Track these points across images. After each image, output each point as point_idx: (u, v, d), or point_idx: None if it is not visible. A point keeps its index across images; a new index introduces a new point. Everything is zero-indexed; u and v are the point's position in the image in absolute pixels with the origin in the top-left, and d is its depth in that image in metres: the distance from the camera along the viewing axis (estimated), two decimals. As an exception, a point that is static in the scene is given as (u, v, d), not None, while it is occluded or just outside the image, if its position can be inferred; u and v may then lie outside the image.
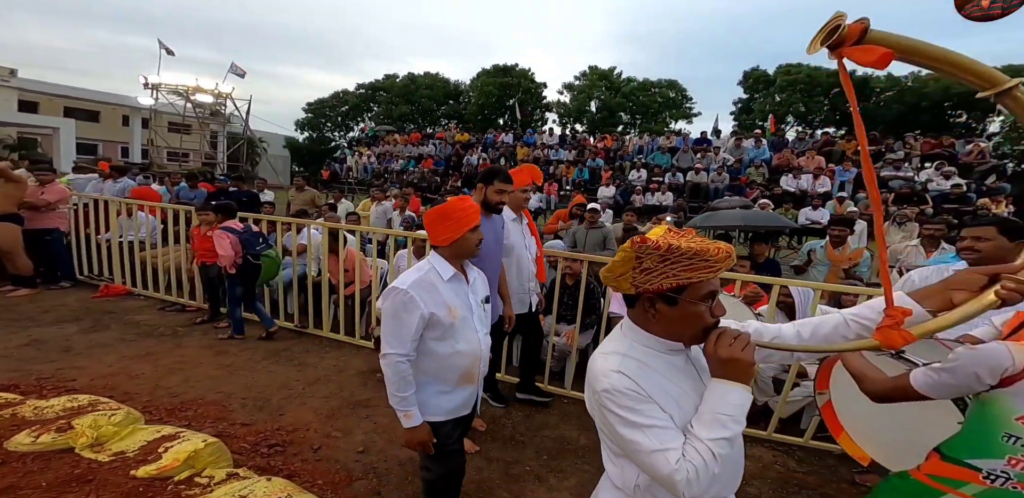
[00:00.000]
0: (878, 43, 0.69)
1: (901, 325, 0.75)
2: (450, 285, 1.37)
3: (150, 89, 13.89)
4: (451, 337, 1.35)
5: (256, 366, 3.03)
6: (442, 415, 1.41)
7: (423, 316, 1.29)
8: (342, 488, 1.90)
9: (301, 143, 29.94)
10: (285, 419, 2.40)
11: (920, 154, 7.53)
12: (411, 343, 1.32)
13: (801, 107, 21.63)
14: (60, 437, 1.80)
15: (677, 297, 0.76)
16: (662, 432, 0.75)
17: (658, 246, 0.73)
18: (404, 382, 1.32)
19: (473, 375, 1.43)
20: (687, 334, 0.81)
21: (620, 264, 0.78)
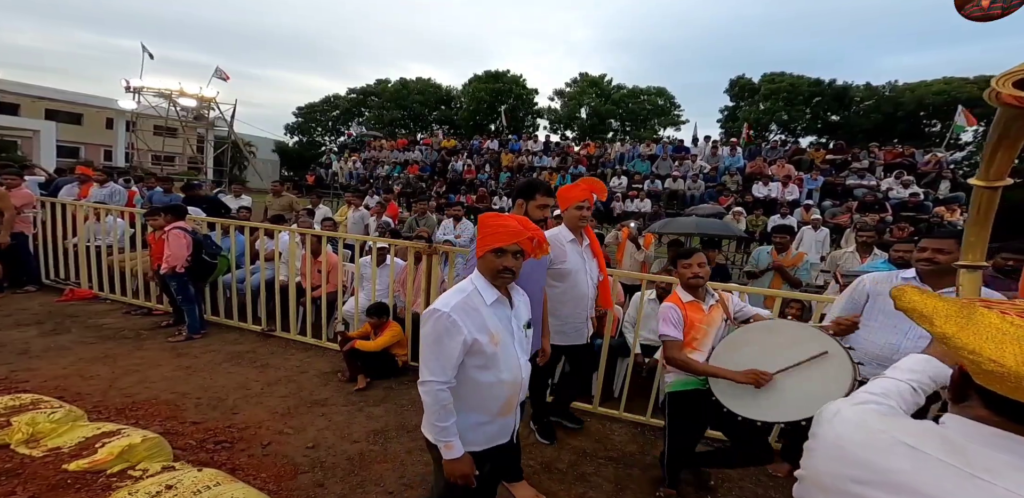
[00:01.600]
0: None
1: None
2: (493, 309, 1.27)
3: (132, 93, 13.84)
4: (494, 366, 1.26)
5: (216, 368, 3.06)
6: (478, 445, 1.32)
7: (465, 342, 1.20)
8: (286, 481, 1.95)
9: (291, 147, 29.90)
10: (238, 418, 2.44)
11: (883, 163, 7.85)
12: (452, 370, 1.22)
13: (784, 116, 22.27)
14: (-3, 435, 1.82)
15: None
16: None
17: None
18: (445, 411, 1.22)
19: (513, 404, 1.35)
20: None
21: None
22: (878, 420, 0.59)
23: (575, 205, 2.06)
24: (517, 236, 1.23)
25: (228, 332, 3.72)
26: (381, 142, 13.96)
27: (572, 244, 2.10)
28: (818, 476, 0.60)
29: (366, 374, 2.99)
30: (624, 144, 11.26)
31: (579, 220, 2.09)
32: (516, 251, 1.25)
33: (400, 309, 3.44)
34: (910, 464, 0.52)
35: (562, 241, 2.07)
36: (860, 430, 0.58)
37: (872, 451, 0.55)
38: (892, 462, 0.53)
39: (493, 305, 1.27)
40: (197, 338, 3.49)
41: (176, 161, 17.64)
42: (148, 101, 14.24)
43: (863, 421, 0.59)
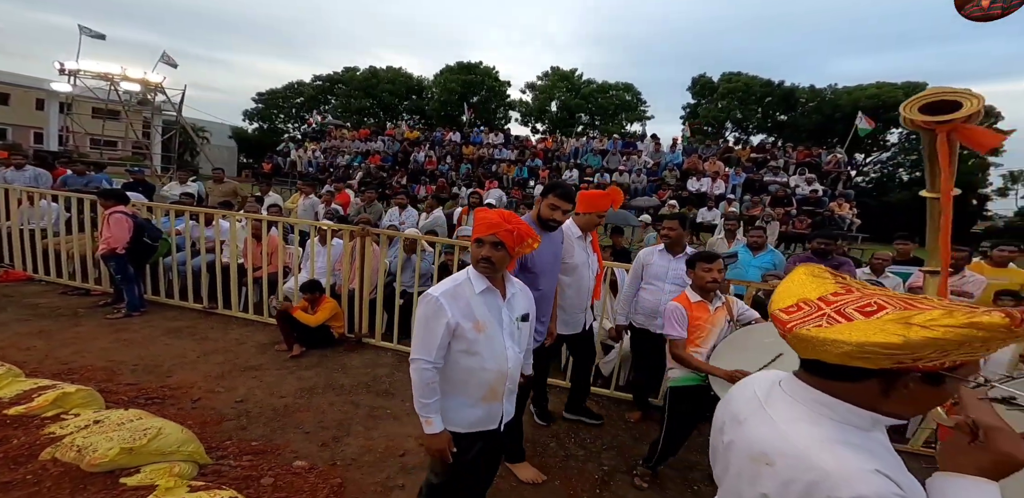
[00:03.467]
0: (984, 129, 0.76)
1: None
2: (481, 298, 1.34)
3: (67, 75, 12.91)
4: (477, 352, 1.33)
5: (154, 340, 3.26)
6: (463, 427, 1.38)
7: (449, 324, 1.28)
8: (210, 426, 2.25)
9: (250, 134, 28.59)
10: (171, 380, 2.69)
11: (795, 162, 8.78)
12: (437, 350, 1.30)
13: (738, 114, 23.60)
14: (-63, 390, 2.02)
15: (949, 375, 0.57)
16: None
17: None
18: (428, 388, 1.31)
19: (498, 392, 1.39)
20: (913, 414, 0.65)
21: (945, 343, 0.52)
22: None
23: (597, 213, 2.18)
24: (493, 228, 1.29)
25: (169, 310, 3.88)
26: (343, 131, 13.79)
27: (579, 240, 2.23)
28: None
29: (301, 343, 3.30)
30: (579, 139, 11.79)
31: (595, 225, 2.25)
32: (493, 242, 1.30)
33: (338, 286, 3.74)
34: (736, 391, 0.78)
35: (571, 236, 2.19)
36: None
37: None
38: (729, 393, 0.80)
39: (482, 294, 1.34)
40: (136, 316, 3.64)
41: (119, 145, 16.61)
42: (85, 84, 13.31)
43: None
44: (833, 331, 0.59)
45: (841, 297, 0.63)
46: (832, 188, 7.88)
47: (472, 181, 9.47)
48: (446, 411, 1.36)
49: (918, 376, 0.58)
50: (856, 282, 0.67)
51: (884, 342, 0.54)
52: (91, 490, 1.58)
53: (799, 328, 0.62)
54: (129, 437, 1.68)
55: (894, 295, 0.62)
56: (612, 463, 2.32)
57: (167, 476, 1.60)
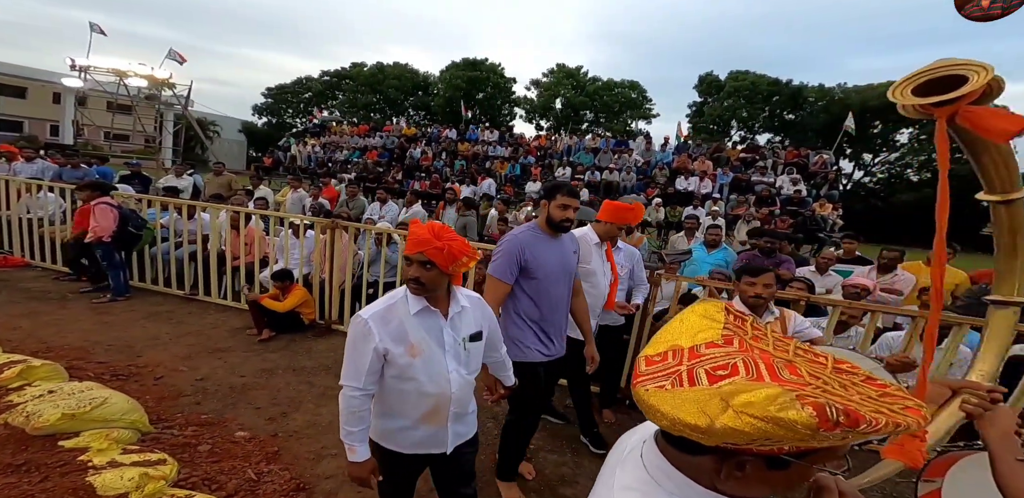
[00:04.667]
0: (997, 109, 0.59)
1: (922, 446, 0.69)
2: (417, 319, 1.23)
3: (78, 71, 13.38)
4: (412, 377, 1.23)
5: (133, 323, 3.46)
6: (405, 448, 1.31)
7: (377, 349, 1.19)
8: (166, 401, 2.42)
9: (259, 128, 29.12)
10: (140, 359, 2.88)
11: (784, 162, 8.73)
12: (367, 376, 1.21)
13: (744, 113, 23.29)
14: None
15: (794, 461, 0.50)
16: None
17: (874, 428, 0.43)
18: (354, 417, 1.22)
19: (440, 416, 1.29)
20: (764, 493, 0.58)
21: (743, 435, 0.45)
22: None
23: (617, 225, 2.17)
24: (422, 245, 1.15)
25: (153, 296, 4.10)
26: (342, 127, 14.04)
27: (596, 247, 2.19)
28: None
29: (272, 328, 3.47)
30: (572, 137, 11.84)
31: (612, 236, 2.23)
32: (422, 261, 1.16)
33: (311, 276, 3.91)
34: (624, 436, 0.70)
35: (589, 242, 2.16)
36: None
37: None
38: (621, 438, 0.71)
39: (418, 315, 1.22)
40: (121, 300, 3.87)
41: (131, 139, 17.12)
42: (96, 79, 13.77)
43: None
44: (661, 397, 0.50)
45: (711, 350, 0.53)
46: (818, 189, 7.84)
47: (465, 177, 9.59)
48: (387, 431, 1.29)
49: (759, 459, 0.50)
50: (761, 328, 0.57)
51: (690, 422, 0.46)
52: (31, 450, 1.75)
53: (640, 385, 0.52)
54: (75, 405, 1.86)
55: (786, 350, 0.52)
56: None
57: (103, 440, 1.77)
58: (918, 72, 0.64)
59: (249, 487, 1.84)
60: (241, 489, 1.82)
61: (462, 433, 1.38)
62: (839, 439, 0.45)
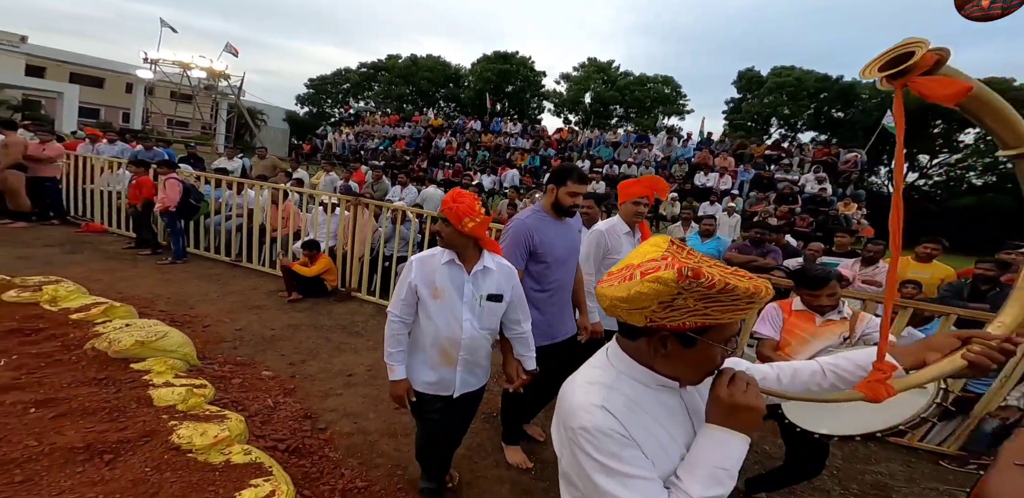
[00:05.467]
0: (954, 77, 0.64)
1: (889, 380, 0.73)
2: (445, 268, 1.46)
3: (149, 64, 14.80)
4: (432, 315, 1.46)
5: (188, 282, 4.06)
6: (419, 386, 1.52)
7: (411, 285, 1.45)
8: (211, 345, 2.90)
9: (301, 117, 30.69)
10: (193, 311, 3.43)
11: (811, 160, 8.36)
12: (403, 307, 1.47)
13: (785, 110, 22.02)
14: (31, 295, 2.84)
15: (698, 338, 0.64)
16: (645, 484, 0.64)
17: (712, 284, 0.59)
18: (392, 339, 1.49)
19: (450, 358, 1.49)
20: (692, 376, 0.71)
21: (648, 297, 0.62)
22: None
23: (632, 200, 2.05)
24: (442, 206, 1.46)
25: (205, 261, 4.73)
26: (375, 117, 14.71)
27: (627, 236, 2.10)
28: None
29: (299, 292, 3.97)
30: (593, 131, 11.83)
31: (635, 215, 2.08)
32: (441, 218, 1.45)
33: (336, 248, 4.39)
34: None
35: (618, 232, 2.10)
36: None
37: None
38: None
39: (446, 265, 1.46)
40: (179, 263, 4.51)
41: (189, 126, 18.74)
42: (163, 71, 15.19)
43: None
44: (608, 289, 0.66)
45: (650, 263, 0.65)
46: (844, 188, 7.50)
47: (487, 167, 9.91)
48: (410, 367, 1.53)
49: (672, 335, 0.65)
50: (694, 253, 0.68)
51: (619, 296, 0.63)
52: (110, 369, 2.24)
53: (598, 286, 0.69)
54: (144, 335, 2.34)
55: (699, 261, 0.64)
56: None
57: (162, 365, 2.23)
58: (886, 51, 0.68)
59: (267, 411, 2.26)
60: (261, 411, 2.24)
61: (471, 383, 1.58)
62: (697, 296, 0.59)
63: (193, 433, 1.72)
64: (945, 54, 0.63)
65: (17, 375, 2.05)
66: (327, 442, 2.10)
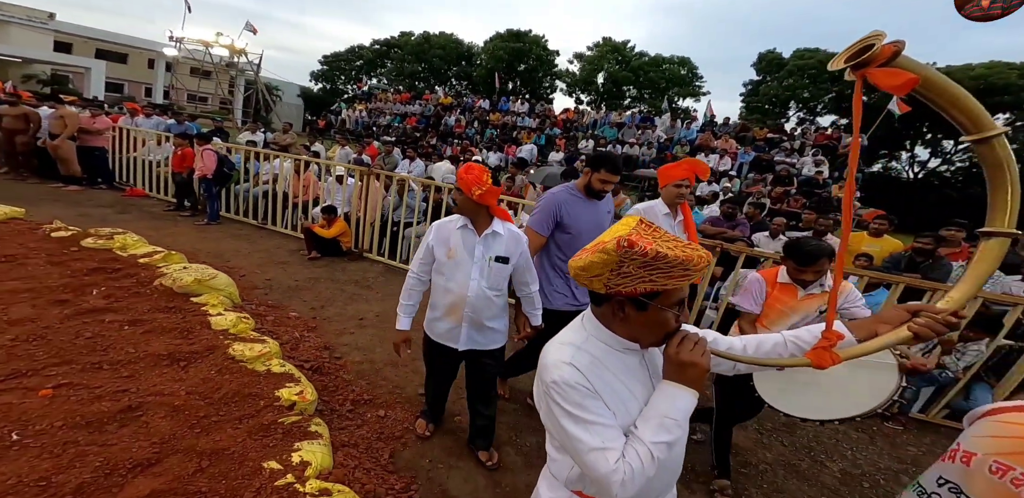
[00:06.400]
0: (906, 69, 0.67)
1: (834, 347, 0.80)
2: (460, 232, 1.64)
3: (174, 42, 15.17)
4: (444, 273, 1.67)
5: (223, 240, 4.64)
6: (433, 335, 1.77)
7: (428, 246, 1.66)
8: (246, 291, 3.41)
9: (315, 93, 30.82)
10: (229, 263, 3.98)
11: (812, 144, 8.39)
12: (420, 265, 1.68)
13: (804, 93, 21.18)
14: (106, 243, 3.43)
15: (648, 302, 0.74)
16: (605, 430, 0.74)
17: (645, 252, 0.69)
18: (406, 292, 1.72)
19: (458, 312, 1.67)
20: (649, 337, 0.80)
21: (599, 265, 0.73)
22: None
23: (674, 183, 2.10)
24: (457, 176, 1.63)
25: (235, 224, 5.30)
26: (387, 94, 14.92)
27: (666, 217, 2.16)
28: None
29: (318, 251, 4.51)
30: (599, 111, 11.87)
31: (676, 197, 2.12)
32: (456, 187, 1.63)
33: (350, 213, 4.89)
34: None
35: (657, 214, 2.16)
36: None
37: None
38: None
39: (460, 229, 1.65)
40: (214, 224, 5.09)
41: (209, 101, 19.27)
42: (187, 48, 15.56)
43: None
44: (573, 260, 0.78)
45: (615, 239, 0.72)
46: (842, 171, 7.59)
47: (493, 145, 10.18)
48: (428, 320, 1.76)
49: (627, 301, 0.75)
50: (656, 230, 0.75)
51: (581, 265, 0.75)
52: (176, 301, 2.79)
53: (571, 259, 0.80)
54: (200, 275, 2.91)
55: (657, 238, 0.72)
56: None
57: (215, 299, 2.79)
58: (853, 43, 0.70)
59: (295, 342, 2.78)
60: (290, 341, 2.77)
61: (479, 341, 1.73)
62: (638, 263, 0.69)
63: (244, 348, 2.25)
64: (901, 46, 0.66)
65: (109, 302, 2.62)
66: (342, 367, 2.62)
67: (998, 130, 0.71)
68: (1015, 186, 0.74)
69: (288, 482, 1.45)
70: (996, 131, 0.71)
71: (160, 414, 1.70)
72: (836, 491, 2.14)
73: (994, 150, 0.72)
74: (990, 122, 0.71)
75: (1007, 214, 0.76)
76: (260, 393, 1.93)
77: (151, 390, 1.85)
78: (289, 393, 1.97)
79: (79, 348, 2.10)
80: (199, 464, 1.49)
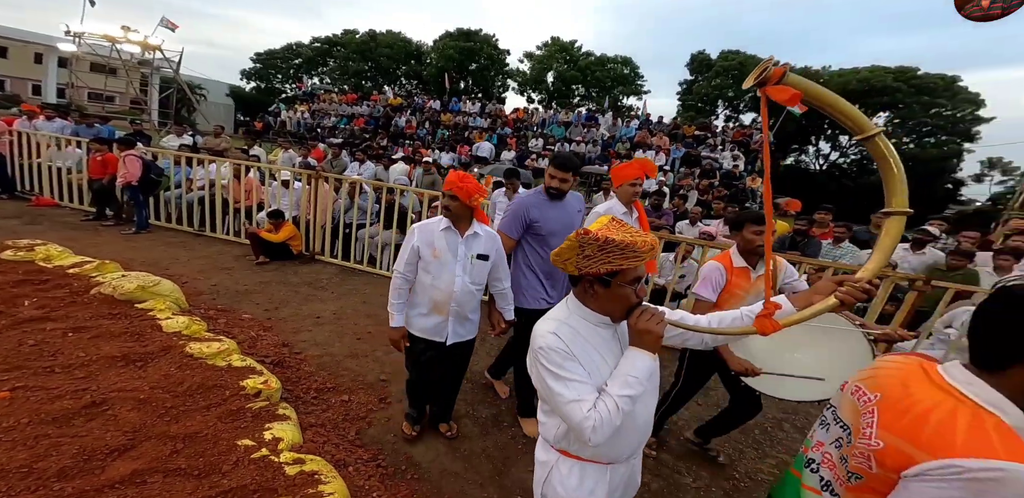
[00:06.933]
0: (792, 86, 0.83)
1: (772, 316, 0.94)
2: (443, 233, 1.76)
3: (72, 37, 13.42)
4: (430, 272, 1.77)
5: (156, 249, 4.38)
6: (416, 331, 1.85)
7: (413, 247, 1.75)
8: (192, 296, 3.31)
9: (247, 93, 28.70)
10: (168, 271, 3.80)
11: (731, 140, 9.56)
12: (406, 265, 1.77)
13: (730, 93, 23.44)
14: (27, 255, 3.17)
15: (610, 280, 0.91)
16: (580, 386, 0.91)
17: (597, 238, 0.87)
18: (395, 292, 1.80)
19: (445, 307, 1.80)
20: (616, 311, 0.96)
21: (567, 250, 0.91)
22: None
23: (629, 182, 2.24)
24: (450, 185, 1.72)
25: (168, 231, 5.00)
26: (332, 95, 14.38)
27: (624, 216, 2.30)
28: None
29: (266, 255, 4.42)
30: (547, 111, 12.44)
31: (632, 195, 2.27)
32: (451, 195, 1.73)
33: (299, 217, 4.81)
34: None
35: (616, 213, 2.30)
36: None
37: None
38: None
39: (444, 231, 1.77)
40: (143, 233, 4.76)
41: (117, 100, 17.23)
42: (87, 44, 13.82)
43: None
44: (553, 250, 0.95)
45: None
46: (754, 165, 8.74)
47: (446, 145, 10.27)
48: (411, 317, 1.84)
49: (595, 280, 0.93)
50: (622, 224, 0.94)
51: (555, 252, 0.94)
52: (120, 308, 2.69)
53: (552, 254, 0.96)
54: (143, 282, 2.82)
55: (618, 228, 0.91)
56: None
57: (162, 305, 2.73)
58: (757, 67, 0.83)
59: (252, 340, 2.81)
60: (248, 339, 2.80)
61: (461, 333, 1.89)
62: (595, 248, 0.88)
63: (201, 346, 2.28)
64: (787, 68, 0.81)
65: (45, 311, 2.49)
66: (303, 360, 2.71)
67: (876, 130, 0.84)
68: (901, 172, 0.89)
69: (263, 455, 1.58)
70: (875, 131, 0.84)
71: (126, 407, 1.74)
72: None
73: (877, 146, 0.85)
74: (868, 123, 0.84)
75: (900, 196, 0.90)
76: (225, 384, 2.00)
77: (112, 387, 1.87)
78: (254, 382, 2.06)
79: (25, 355, 2.04)
80: (174, 446, 1.58)
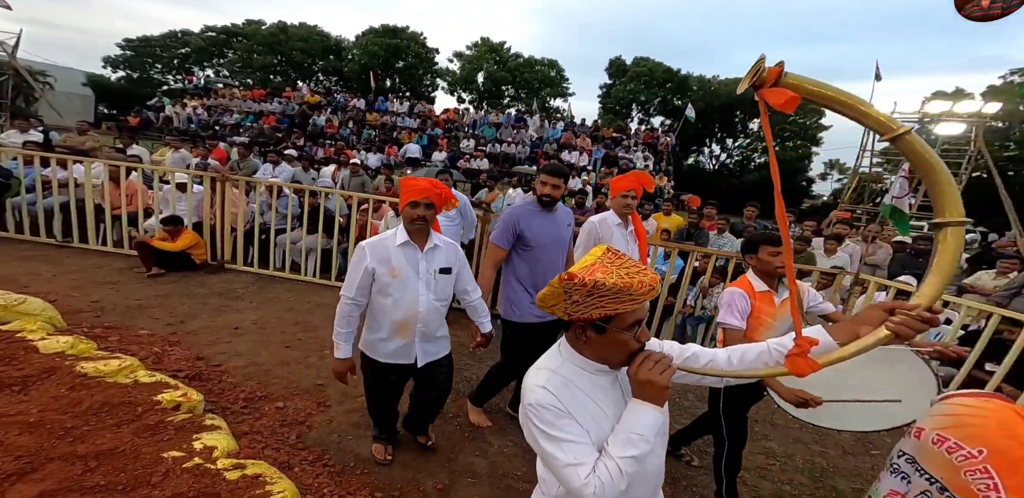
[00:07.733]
0: (792, 87, 0.72)
1: (807, 354, 0.79)
2: (400, 249, 1.57)
3: None
4: (390, 294, 1.57)
5: (8, 264, 3.57)
6: (382, 357, 1.65)
7: (367, 269, 1.53)
8: (68, 314, 2.79)
9: (113, 82, 24.29)
10: (29, 289, 3.09)
11: (642, 142, 10.80)
12: (358, 289, 1.56)
13: (642, 97, 25.92)
14: None
15: (605, 326, 0.80)
16: (577, 447, 0.79)
17: (584, 283, 0.76)
18: (344, 320, 1.58)
19: (409, 329, 1.61)
20: (614, 358, 0.85)
21: (550, 296, 0.81)
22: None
23: (622, 194, 2.19)
24: (425, 193, 1.53)
25: (21, 244, 4.10)
26: (233, 90, 12.84)
27: (618, 227, 2.26)
28: None
29: (161, 266, 3.86)
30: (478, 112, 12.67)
31: (624, 207, 2.21)
32: (427, 203, 1.55)
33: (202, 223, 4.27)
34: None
35: (610, 224, 2.24)
36: None
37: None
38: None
39: (401, 246, 1.57)
40: (-15, 248, 3.82)
41: (-71, 88, 13.37)
42: None
43: None
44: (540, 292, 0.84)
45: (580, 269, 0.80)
46: (660, 164, 9.96)
47: (372, 146, 9.84)
48: (370, 342, 1.64)
49: (587, 325, 0.81)
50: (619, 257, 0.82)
51: (539, 297, 0.83)
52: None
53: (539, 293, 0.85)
54: (3, 301, 2.33)
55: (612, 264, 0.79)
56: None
57: (33, 324, 2.26)
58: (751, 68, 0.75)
59: (156, 356, 2.48)
60: (151, 355, 2.46)
61: (431, 352, 1.71)
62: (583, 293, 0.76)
63: (96, 365, 1.96)
64: (781, 66, 0.73)
65: None
66: (224, 373, 2.46)
67: (903, 128, 0.75)
68: (945, 173, 0.75)
69: (197, 463, 1.45)
70: (902, 130, 0.74)
71: (14, 432, 1.49)
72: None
73: (911, 145, 0.74)
74: (892, 122, 0.75)
75: (953, 202, 0.75)
76: (135, 401, 1.77)
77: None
78: (171, 396, 1.85)
79: None
80: (86, 465, 1.41)
